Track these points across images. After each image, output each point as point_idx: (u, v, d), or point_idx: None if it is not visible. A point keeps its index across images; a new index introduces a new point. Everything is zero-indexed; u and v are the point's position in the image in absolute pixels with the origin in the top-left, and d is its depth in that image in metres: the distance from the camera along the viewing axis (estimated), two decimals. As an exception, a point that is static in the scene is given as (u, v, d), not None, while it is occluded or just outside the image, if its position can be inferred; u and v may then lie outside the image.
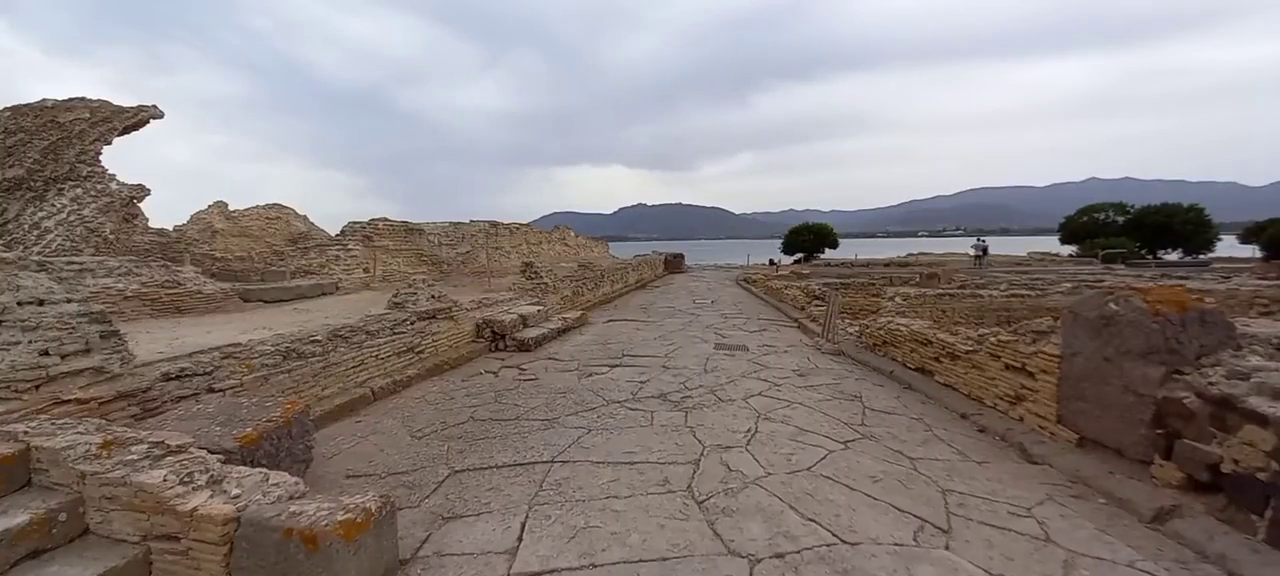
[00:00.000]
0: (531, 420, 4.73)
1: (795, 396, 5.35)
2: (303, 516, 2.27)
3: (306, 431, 3.51)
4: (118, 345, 3.43)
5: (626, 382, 5.94)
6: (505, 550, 2.76)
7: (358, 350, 5.40)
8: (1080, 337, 3.78)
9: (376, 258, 12.99)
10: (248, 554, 2.25)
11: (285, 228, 15.95)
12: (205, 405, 3.50)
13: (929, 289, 11.37)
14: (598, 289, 13.83)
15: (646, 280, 20.29)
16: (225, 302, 8.35)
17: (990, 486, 3.38)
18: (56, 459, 2.55)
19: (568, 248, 26.14)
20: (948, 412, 4.81)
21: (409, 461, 3.90)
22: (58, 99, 9.08)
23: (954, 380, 5.26)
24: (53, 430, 2.74)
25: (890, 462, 3.75)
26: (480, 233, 17.43)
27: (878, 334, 7.03)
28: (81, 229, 9.41)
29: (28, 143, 8.77)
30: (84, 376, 3.22)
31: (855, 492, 3.30)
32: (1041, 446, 3.85)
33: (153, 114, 9.72)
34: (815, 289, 12.82)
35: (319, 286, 10.29)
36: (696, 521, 2.99)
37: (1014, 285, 12.29)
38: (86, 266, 7.15)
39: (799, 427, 4.45)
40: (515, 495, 3.34)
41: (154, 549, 2.37)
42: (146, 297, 7.41)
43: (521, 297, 9.93)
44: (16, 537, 2.27)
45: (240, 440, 2.99)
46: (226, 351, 4.15)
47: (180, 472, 2.44)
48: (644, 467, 3.70)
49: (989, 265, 22.78)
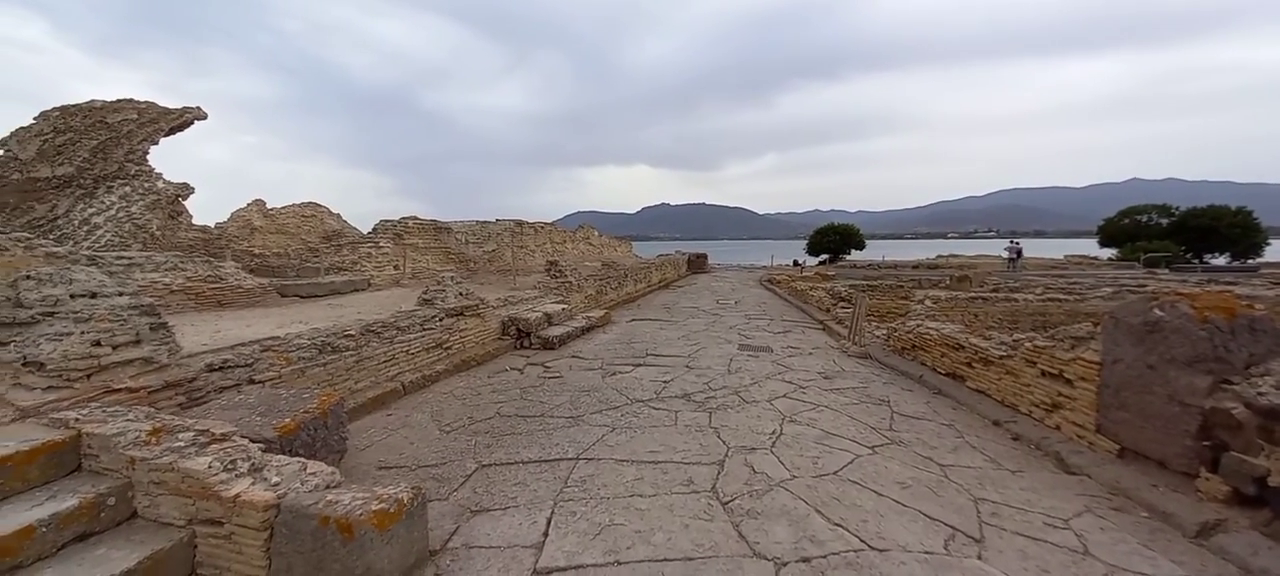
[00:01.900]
0: (556, 417, 4.78)
1: (821, 399, 5.29)
2: (339, 505, 2.33)
3: (341, 423, 3.62)
4: (166, 337, 3.59)
5: (650, 382, 5.96)
6: (531, 544, 2.80)
7: (389, 345, 5.54)
8: (1122, 344, 3.65)
9: (406, 255, 13.28)
10: (287, 540, 2.33)
11: (319, 225, 16.43)
12: (246, 395, 3.64)
13: (960, 292, 11.10)
14: (621, 288, 13.88)
15: (669, 280, 20.27)
16: (263, 297, 8.66)
17: (1025, 496, 3.29)
18: (107, 445, 2.66)
19: (591, 247, 26.28)
20: (980, 419, 4.69)
21: (438, 455, 3.99)
22: (106, 100, 9.53)
23: (986, 386, 5.13)
24: (104, 417, 2.86)
25: (920, 469, 3.68)
26: (506, 231, 17.66)
27: (906, 337, 6.90)
28: (129, 225, 9.87)
29: (77, 142, 9.22)
30: (134, 366, 3.38)
31: (883, 498, 3.25)
32: (1079, 456, 3.73)
33: (196, 115, 10.14)
34: (841, 291, 12.62)
35: (352, 282, 10.57)
36: (721, 522, 2.98)
37: (1050, 289, 11.90)
38: (135, 261, 7.50)
39: (825, 431, 4.40)
40: (541, 491, 3.38)
41: (199, 533, 2.47)
42: (191, 291, 7.73)
43: (546, 296, 10.03)
44: (64, 521, 2.35)
45: (279, 430, 3.10)
46: (266, 344, 4.30)
47: (224, 460, 2.53)
48: (668, 467, 3.71)
49: (1023, 268, 22.11)
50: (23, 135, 8.87)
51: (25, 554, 2.20)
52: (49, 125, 9.01)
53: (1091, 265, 24.82)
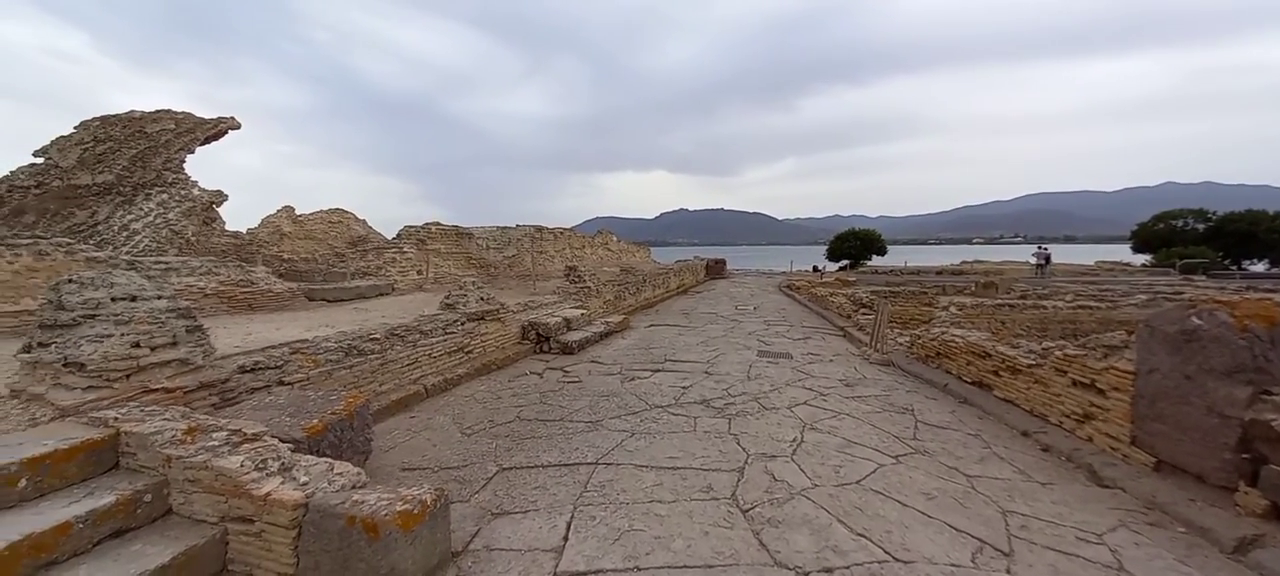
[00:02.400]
0: (575, 422, 4.80)
1: (842, 407, 5.22)
2: (364, 505, 2.38)
3: (366, 424, 3.69)
4: (201, 339, 3.71)
5: (669, 387, 5.95)
6: (552, 548, 2.81)
7: (412, 349, 5.63)
8: (1158, 353, 3.53)
9: (429, 260, 13.50)
10: (314, 538, 2.38)
11: (346, 231, 16.82)
12: (276, 396, 3.73)
13: (986, 298, 10.87)
14: (639, 293, 13.90)
15: (688, 285, 20.23)
16: (292, 301, 8.88)
17: (1056, 509, 3.20)
18: (144, 443, 2.75)
19: (610, 252, 26.38)
20: (1007, 429, 4.58)
21: (460, 457, 4.04)
22: (145, 110, 9.91)
23: (1014, 395, 5.00)
24: (141, 416, 2.96)
25: (945, 479, 3.61)
26: (526, 237, 17.84)
27: (930, 345, 6.77)
28: (166, 231, 10.23)
29: (117, 150, 9.60)
30: (171, 367, 3.50)
31: (908, 509, 3.19)
32: (1113, 469, 3.61)
33: (230, 125, 10.48)
34: (862, 297, 12.45)
35: (376, 287, 10.79)
36: (741, 530, 2.96)
37: (1081, 296, 11.58)
38: (171, 266, 7.77)
39: (847, 439, 4.34)
40: (561, 494, 3.40)
41: (230, 530, 2.53)
42: (224, 295, 7.98)
43: (565, 301, 10.09)
44: (101, 517, 2.42)
45: (307, 430, 3.17)
46: (294, 347, 4.42)
47: (255, 459, 2.61)
48: (687, 473, 3.70)
49: (1052, 274, 21.55)
50: (63, 144, 9.27)
51: (61, 550, 2.26)
52: (89, 134, 9.40)
53: (1124, 271, 24.07)
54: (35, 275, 6.59)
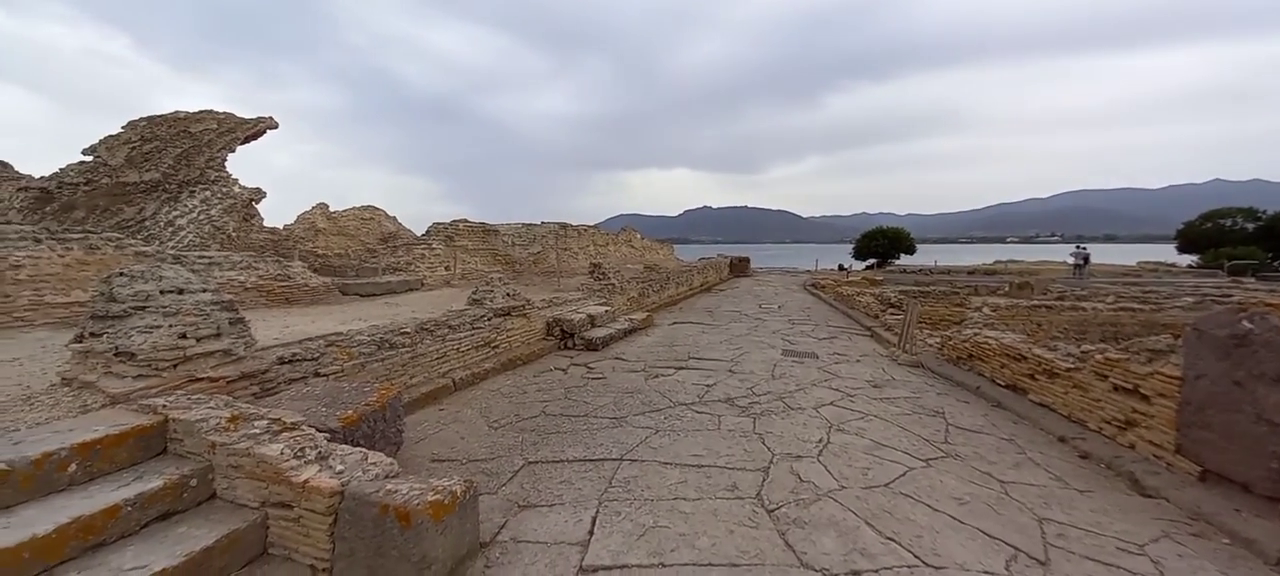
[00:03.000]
0: (600, 418, 4.83)
1: (870, 408, 5.14)
2: (397, 494, 2.44)
3: (398, 416, 3.79)
4: (243, 331, 3.85)
5: (693, 385, 5.94)
6: (577, 542, 2.84)
7: (441, 343, 5.75)
8: (1206, 358, 3.38)
9: (457, 256, 13.74)
10: (349, 525, 2.45)
11: (377, 228, 17.23)
12: (313, 387, 3.86)
13: (1021, 299, 10.55)
14: (663, 291, 13.89)
15: (711, 283, 20.13)
16: (326, 295, 9.16)
17: (1094, 518, 3.10)
18: (191, 430, 2.88)
19: (633, 249, 26.42)
20: (1043, 434, 4.45)
21: (487, 450, 4.11)
22: (189, 111, 10.31)
23: (1051, 399, 4.85)
24: (188, 404, 3.09)
25: (978, 484, 3.52)
26: (550, 234, 17.99)
27: (962, 346, 6.61)
28: (209, 227, 10.65)
29: (163, 149, 10.02)
30: (215, 358, 3.64)
31: (938, 514, 3.12)
32: (1156, 477, 3.48)
33: (269, 125, 10.84)
34: (890, 296, 12.21)
35: (406, 282, 11.04)
36: (767, 530, 2.94)
37: (1123, 298, 11.15)
38: (214, 260, 8.08)
39: (875, 441, 4.27)
40: (586, 489, 3.43)
41: (271, 515, 2.63)
42: (262, 289, 8.27)
43: (589, 298, 10.16)
44: (149, 500, 2.53)
45: (342, 421, 3.27)
46: (330, 339, 4.55)
47: (294, 447, 2.70)
48: (711, 471, 3.69)
49: (1091, 275, 20.81)
50: (112, 143, 9.71)
51: (109, 532, 2.37)
52: (137, 133, 9.82)
53: (1168, 272, 23.06)
54: (86, 268, 6.92)
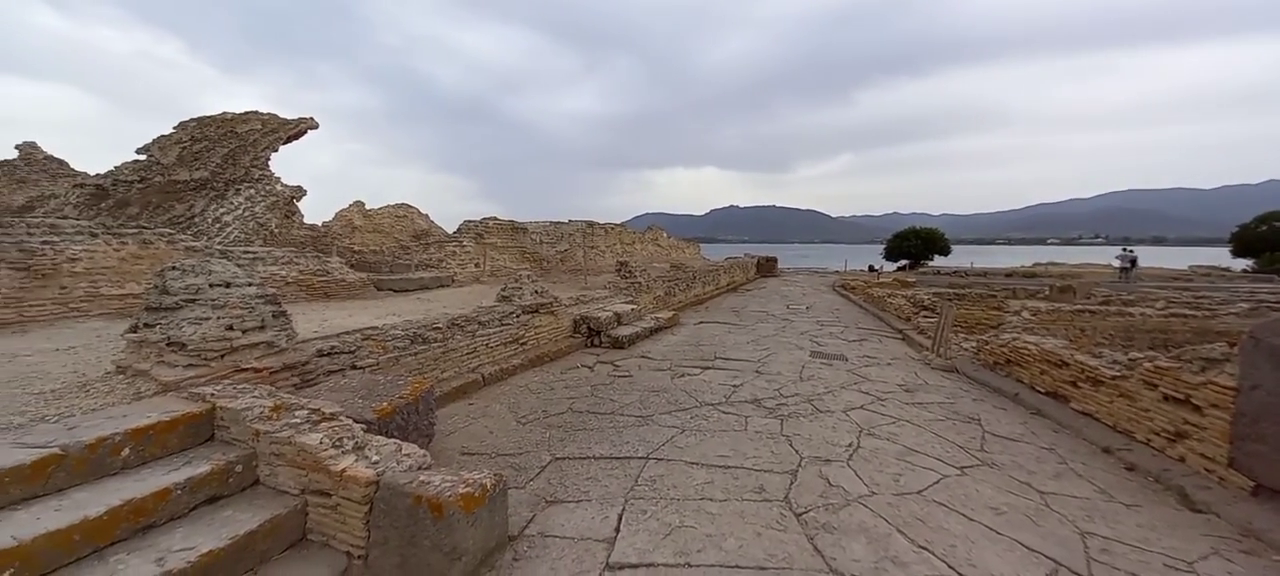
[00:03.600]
0: (626, 416, 4.85)
1: (902, 413, 5.02)
2: (430, 486, 2.50)
3: (430, 409, 3.87)
4: (285, 324, 4.00)
5: (719, 385, 5.91)
6: (604, 539, 2.86)
7: (471, 338, 5.86)
8: (1262, 368, 3.20)
9: (486, 254, 13.97)
10: (384, 514, 2.52)
11: (410, 225, 17.65)
12: (350, 379, 3.98)
13: (1063, 303, 10.14)
14: (689, 290, 13.84)
15: (738, 283, 19.97)
16: (362, 291, 9.43)
17: (1141, 533, 2.97)
18: (236, 418, 2.99)
19: (660, 248, 26.39)
20: (1086, 445, 4.27)
21: (515, 444, 4.17)
22: (236, 112, 10.73)
23: (1095, 409, 4.66)
24: (234, 393, 3.22)
25: (1016, 494, 3.41)
26: (578, 232, 18.11)
27: (1000, 351, 6.40)
28: (253, 223, 11.09)
29: (211, 149, 10.45)
30: (259, 349, 3.79)
31: (974, 523, 3.04)
32: (1206, 492, 3.31)
33: (310, 125, 11.22)
34: (923, 298, 11.89)
35: (438, 279, 11.28)
36: (795, 534, 2.91)
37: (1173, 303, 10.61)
38: (258, 255, 8.41)
39: (907, 447, 4.17)
40: (612, 487, 3.45)
41: (310, 502, 2.72)
42: (302, 283, 8.57)
43: (616, 296, 10.19)
44: (198, 484, 2.64)
45: (378, 412, 3.36)
46: (366, 333, 4.69)
47: (333, 437, 2.79)
48: (738, 472, 3.67)
49: (1138, 278, 19.86)
50: (165, 143, 10.17)
51: (159, 514, 2.48)
52: (187, 134, 10.27)
53: (1222, 276, 21.84)
54: (139, 262, 7.28)
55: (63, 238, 6.65)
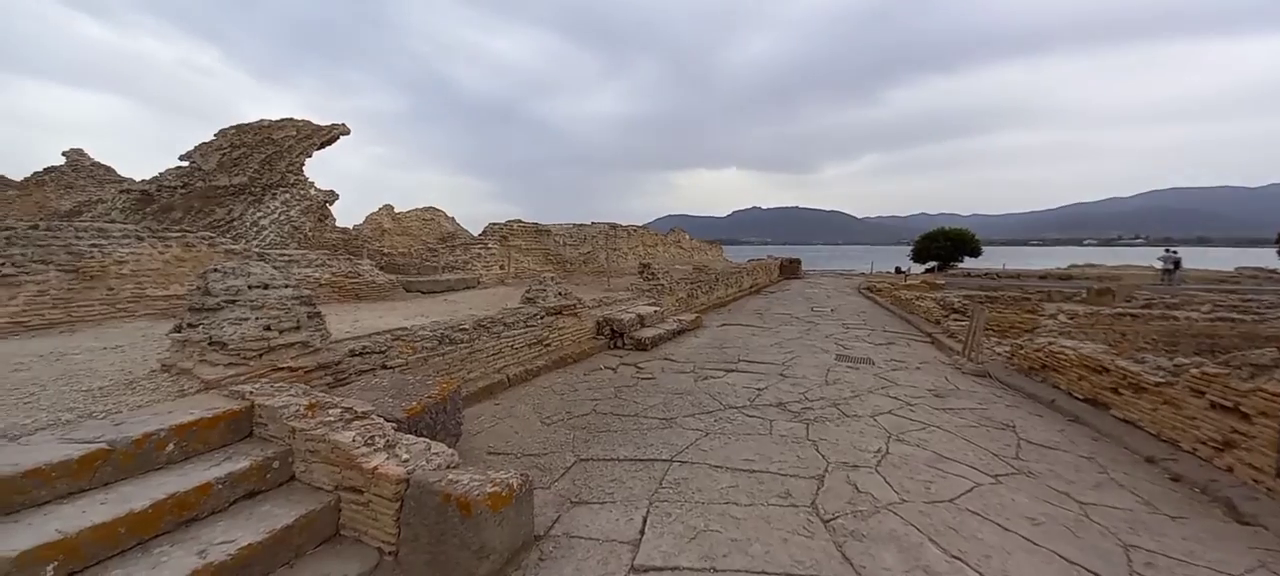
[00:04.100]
0: (649, 418, 4.85)
1: (932, 418, 4.91)
2: (458, 485, 2.54)
3: (457, 408, 3.94)
4: (319, 324, 4.11)
5: (743, 388, 5.86)
6: (628, 541, 2.86)
7: (496, 340, 5.93)
8: (1326, 377, 3.04)
9: (511, 256, 14.15)
10: (414, 512, 2.57)
11: (437, 228, 18.00)
12: (380, 379, 4.07)
13: (1101, 306, 9.79)
14: (712, 292, 13.78)
15: (761, 285, 19.80)
16: (392, 292, 9.66)
17: (1186, 546, 2.85)
18: (274, 416, 3.08)
19: (682, 250, 26.34)
20: (1128, 454, 4.11)
21: (540, 445, 4.21)
22: (272, 120, 11.10)
23: (1138, 416, 4.48)
24: (272, 392, 3.31)
25: (1054, 504, 3.30)
26: (601, 234, 18.20)
27: (1035, 356, 6.20)
28: (288, 227, 11.46)
29: (249, 155, 10.84)
30: (294, 349, 3.90)
31: (1010, 534, 2.95)
32: (1254, 503, 3.17)
33: (341, 131, 11.55)
34: (954, 301, 11.61)
35: (464, 280, 11.47)
36: (822, 541, 2.87)
37: (1220, 306, 10.15)
38: (293, 258, 8.67)
39: (938, 453, 4.07)
40: (636, 489, 3.45)
41: (343, 498, 2.78)
42: (335, 285, 8.82)
43: (639, 298, 10.20)
44: (237, 479, 2.73)
45: (407, 411, 3.43)
46: (396, 334, 4.79)
47: (365, 435, 2.85)
48: (764, 477, 3.63)
49: (1182, 281, 19.03)
50: (206, 149, 10.58)
51: (201, 508, 2.56)
52: (226, 141, 10.67)
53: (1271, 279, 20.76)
54: (182, 264, 7.57)
55: (110, 241, 6.95)
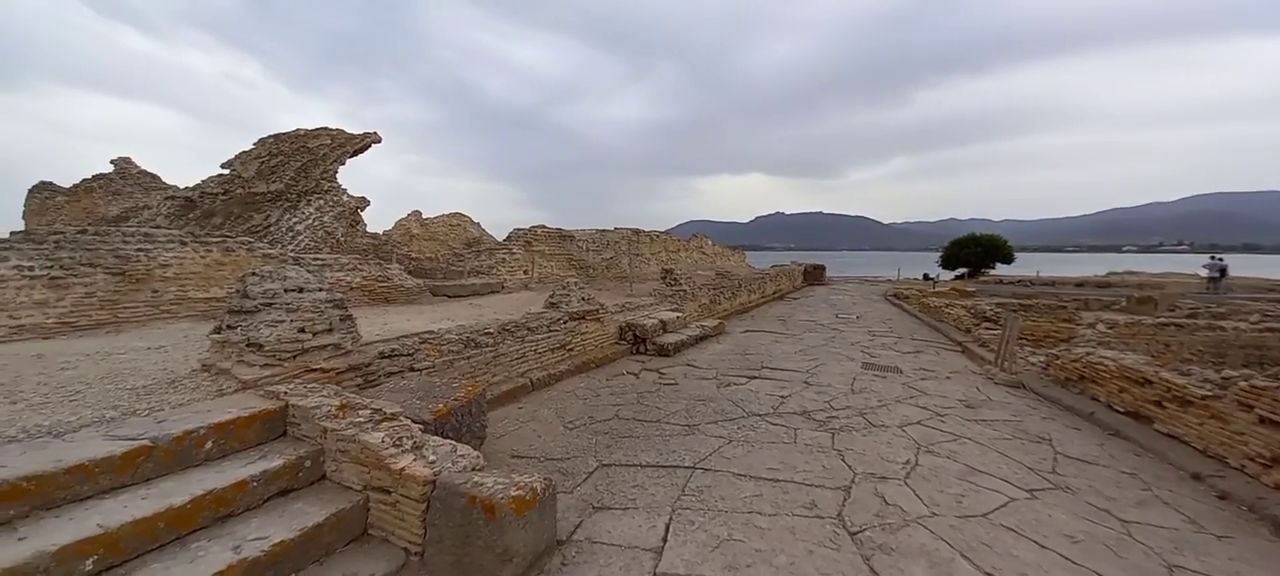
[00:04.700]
0: (672, 424, 4.83)
1: (963, 430, 4.78)
2: (483, 487, 2.57)
3: (482, 411, 3.99)
4: (351, 327, 4.22)
5: (766, 396, 5.80)
6: (651, 548, 2.85)
7: (520, 344, 5.99)
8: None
9: (534, 261, 14.30)
10: (440, 513, 2.60)
11: (463, 233, 18.31)
12: (408, 381, 4.15)
13: (1143, 316, 9.41)
14: (734, 298, 13.68)
15: (784, 291, 19.58)
16: (419, 296, 9.85)
17: (1233, 566, 2.72)
18: (306, 415, 3.16)
19: (705, 255, 26.23)
20: (1172, 470, 3.93)
21: (562, 449, 4.23)
22: (307, 128, 11.45)
23: (1183, 431, 4.29)
24: (305, 392, 3.41)
25: (1094, 521, 3.17)
26: (623, 239, 18.26)
27: (1072, 367, 5.99)
28: (322, 232, 11.80)
29: (285, 163, 11.19)
30: (327, 351, 4.01)
31: (1047, 551, 2.84)
32: (1309, 524, 3.00)
33: (374, 139, 11.86)
34: (985, 309, 11.31)
35: (489, 285, 11.64)
36: (849, 554, 2.81)
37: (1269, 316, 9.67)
38: (326, 262, 8.93)
39: (969, 466, 3.96)
40: (659, 495, 3.44)
41: (372, 498, 2.84)
42: (365, 289, 9.04)
43: (661, 303, 10.19)
44: (272, 477, 2.81)
45: (434, 414, 3.49)
46: (423, 337, 4.88)
47: (393, 436, 2.91)
48: (788, 487, 3.58)
49: (1228, 289, 18.20)
50: (245, 157, 10.96)
51: (237, 504, 2.64)
52: (265, 149, 11.04)
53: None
54: (222, 268, 7.86)
55: (155, 245, 7.26)
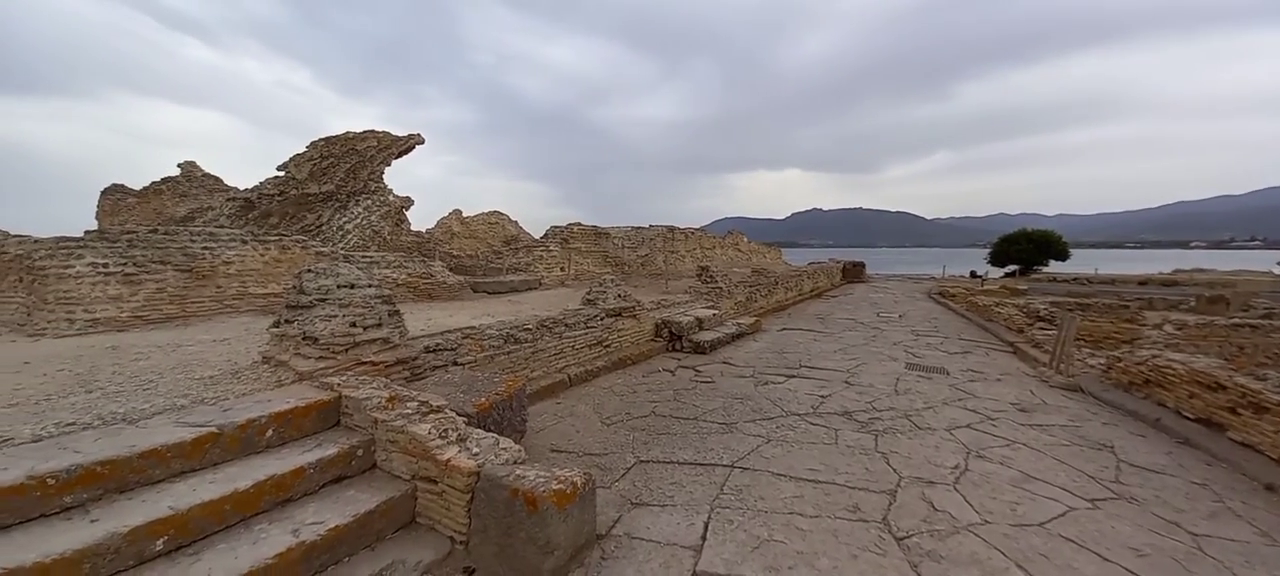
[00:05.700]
0: (709, 422, 4.81)
1: (1016, 435, 4.58)
2: (525, 480, 2.62)
3: (522, 406, 4.07)
4: (398, 322, 4.38)
5: (806, 395, 5.70)
6: (690, 546, 2.85)
7: (558, 340, 6.09)
8: None
9: (571, 258, 14.48)
10: (484, 504, 2.67)
11: (502, 231, 18.70)
12: (452, 375, 4.28)
13: (1215, 316, 8.79)
14: (771, 296, 13.49)
15: (822, 289, 19.17)
16: (460, 292, 10.14)
17: (1318, 587, 2.51)
18: (358, 406, 3.30)
19: (740, 253, 25.96)
20: (1247, 481, 3.66)
21: (600, 445, 4.27)
22: (356, 132, 11.92)
23: (1258, 439, 3.99)
24: (356, 384, 3.56)
25: (1161, 535, 2.99)
26: (658, 237, 18.25)
27: (1136, 370, 5.65)
28: (369, 231, 12.29)
29: (336, 165, 11.68)
30: (376, 344, 4.17)
31: (1110, 564, 2.70)
32: None
33: (417, 141, 12.27)
34: (1039, 308, 10.78)
35: (526, 281, 11.87)
36: (895, 559, 2.74)
37: (1368, 320, 8.83)
38: (374, 260, 9.31)
39: (1024, 473, 3.79)
40: (697, 493, 3.43)
41: (419, 487, 2.94)
42: (410, 285, 9.37)
43: (697, 300, 10.15)
44: (326, 465, 2.95)
45: (477, 407, 3.58)
46: (465, 332, 5.02)
47: (439, 428, 3.00)
48: (830, 488, 3.52)
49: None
50: (299, 160, 11.50)
51: (295, 490, 2.78)
52: (316, 152, 11.55)
53: None
54: (279, 265, 8.28)
55: (219, 244, 7.71)
